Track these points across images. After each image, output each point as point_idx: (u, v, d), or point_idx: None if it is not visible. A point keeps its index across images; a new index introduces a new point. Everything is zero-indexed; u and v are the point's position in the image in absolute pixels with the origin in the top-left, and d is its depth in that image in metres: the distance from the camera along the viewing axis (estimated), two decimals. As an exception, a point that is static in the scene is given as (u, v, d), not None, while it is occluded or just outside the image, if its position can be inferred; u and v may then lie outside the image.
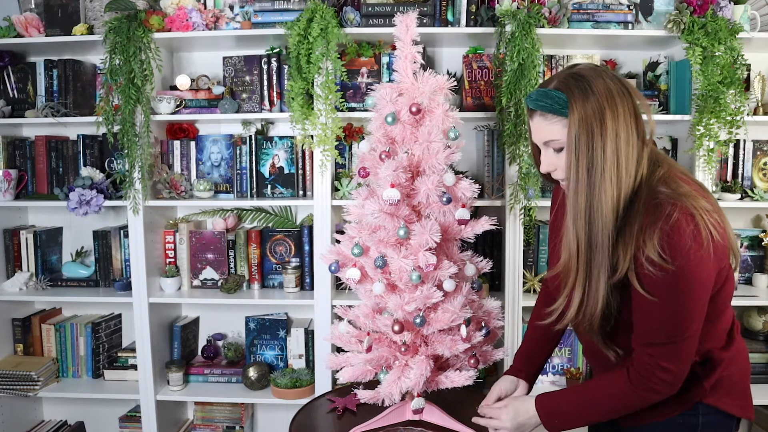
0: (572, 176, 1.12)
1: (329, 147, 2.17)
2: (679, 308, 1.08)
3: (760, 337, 2.39)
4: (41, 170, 2.46)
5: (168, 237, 2.45)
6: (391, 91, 1.47)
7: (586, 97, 1.10)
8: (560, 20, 2.16)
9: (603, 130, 1.09)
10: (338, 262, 1.53)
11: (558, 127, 1.14)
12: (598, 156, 1.09)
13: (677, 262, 1.04)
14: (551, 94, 1.13)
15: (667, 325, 1.10)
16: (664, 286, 1.06)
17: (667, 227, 1.04)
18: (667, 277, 1.05)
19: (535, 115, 1.18)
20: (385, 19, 2.18)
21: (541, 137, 1.19)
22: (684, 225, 1.04)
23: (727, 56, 2.06)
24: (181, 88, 2.33)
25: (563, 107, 1.12)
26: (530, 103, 1.17)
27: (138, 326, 2.35)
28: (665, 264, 1.04)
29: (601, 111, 1.09)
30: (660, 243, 1.04)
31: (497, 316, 1.58)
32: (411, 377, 1.42)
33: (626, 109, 1.11)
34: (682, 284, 1.06)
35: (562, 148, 1.16)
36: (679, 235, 1.04)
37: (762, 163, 2.34)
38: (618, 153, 1.09)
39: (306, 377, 2.37)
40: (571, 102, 1.11)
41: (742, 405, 1.23)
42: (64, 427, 2.63)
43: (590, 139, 1.09)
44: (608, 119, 1.09)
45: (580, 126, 1.10)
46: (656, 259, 1.04)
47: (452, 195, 1.46)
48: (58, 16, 2.29)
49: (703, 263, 1.05)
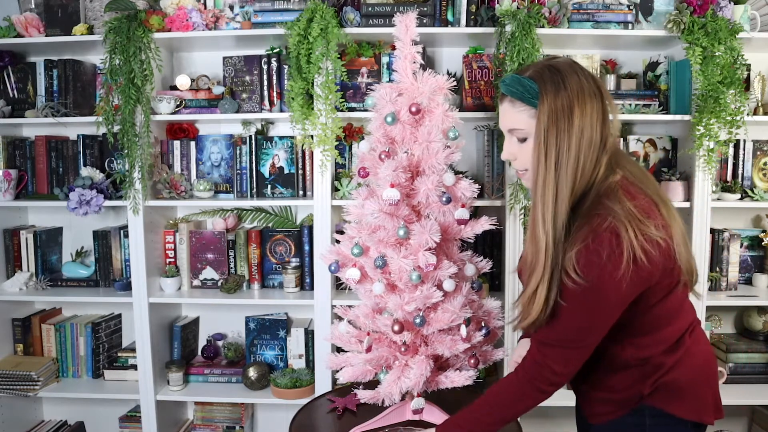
0: (540, 169, 1.12)
1: (329, 147, 2.17)
2: (582, 319, 1.11)
3: (760, 337, 2.39)
4: (41, 170, 2.46)
5: (168, 237, 2.45)
6: (390, 91, 1.47)
7: (558, 92, 1.10)
8: (560, 20, 2.16)
9: (570, 127, 1.09)
10: (338, 262, 1.53)
11: (524, 116, 1.15)
12: (563, 151, 1.10)
13: (588, 279, 1.05)
14: (524, 82, 1.13)
15: (568, 331, 1.12)
16: (572, 296, 1.08)
17: (589, 242, 1.05)
18: (576, 290, 1.07)
19: (505, 100, 1.18)
20: (385, 19, 2.18)
21: (506, 124, 1.19)
22: (606, 243, 1.04)
23: (727, 56, 2.06)
24: (181, 88, 2.33)
25: (533, 97, 1.12)
26: (503, 87, 1.18)
27: (138, 326, 2.35)
28: (577, 278, 1.06)
29: (570, 107, 1.10)
30: (577, 257, 1.06)
31: (497, 316, 1.58)
32: (411, 377, 1.42)
33: (595, 109, 1.11)
34: (590, 299, 1.07)
35: (525, 138, 1.16)
36: (597, 253, 1.04)
37: (762, 163, 2.34)
38: (579, 152, 1.10)
39: (306, 377, 2.37)
40: (542, 93, 1.11)
41: (696, 409, 1.20)
42: (64, 427, 2.63)
43: (559, 132, 1.10)
44: (576, 116, 1.09)
45: (549, 118, 1.10)
46: (570, 272, 1.06)
47: (452, 195, 1.46)
48: (58, 16, 2.29)
49: (616, 284, 1.05)
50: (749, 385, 2.33)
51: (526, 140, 1.17)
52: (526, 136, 1.16)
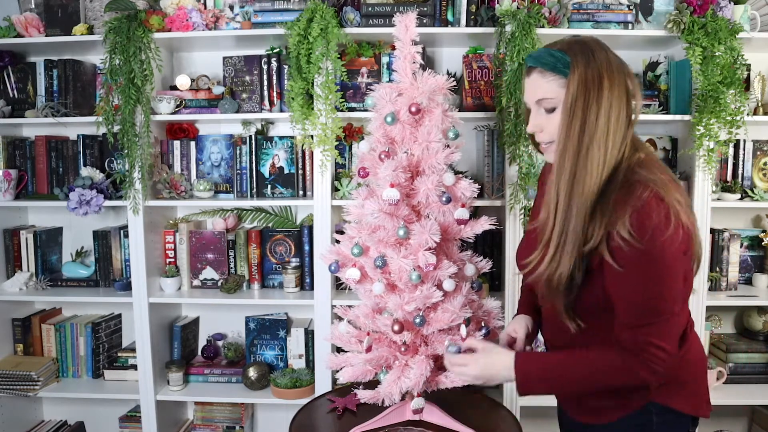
0: (563, 136, 1.13)
1: (329, 147, 2.17)
2: (654, 286, 1.09)
3: (760, 337, 2.39)
4: (41, 170, 2.46)
5: (168, 237, 2.45)
6: (390, 91, 1.47)
7: (588, 62, 1.13)
8: (560, 20, 2.16)
9: (599, 98, 1.11)
10: (338, 262, 1.53)
11: (554, 85, 1.16)
12: (591, 121, 1.11)
13: (645, 240, 1.06)
14: (555, 53, 1.16)
15: (648, 304, 1.11)
16: (634, 263, 1.08)
17: (638, 205, 1.06)
18: (636, 254, 1.07)
19: (533, 72, 1.19)
20: (385, 19, 2.18)
21: (534, 95, 1.19)
22: (654, 205, 1.06)
23: (727, 56, 2.06)
24: (181, 88, 2.33)
25: (565, 66, 1.14)
26: (530, 61, 1.19)
27: (138, 326, 2.35)
28: (634, 241, 1.06)
29: (599, 78, 1.12)
30: (630, 220, 1.06)
31: (497, 316, 1.58)
32: (411, 377, 1.42)
33: (621, 84, 1.14)
34: (651, 262, 1.07)
35: (554, 108, 1.17)
36: (648, 215, 1.06)
37: (762, 163, 2.34)
38: (609, 124, 1.11)
39: (306, 377, 2.37)
40: (573, 63, 1.13)
41: (695, 404, 1.23)
42: (64, 427, 2.64)
43: (586, 102, 1.11)
44: (605, 88, 1.11)
45: (578, 87, 1.11)
46: (626, 236, 1.06)
47: (452, 195, 1.46)
48: (58, 16, 2.29)
49: (671, 243, 1.07)
50: (749, 385, 2.33)
51: (554, 111, 1.17)
52: (554, 106, 1.17)
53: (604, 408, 1.24)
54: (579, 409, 1.32)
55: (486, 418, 1.59)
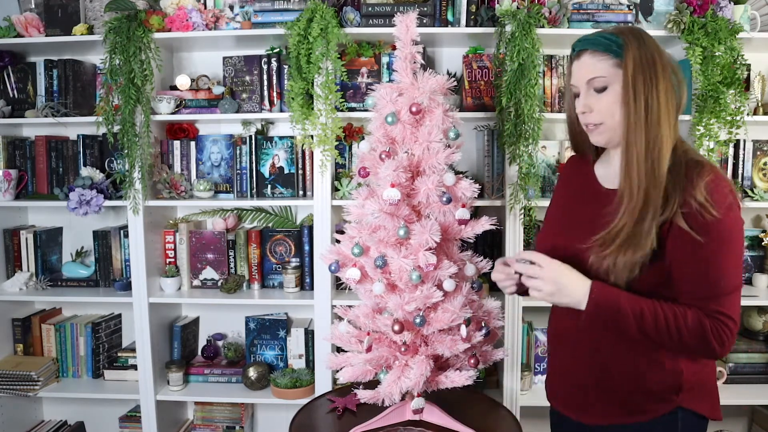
0: (627, 113, 1.15)
1: (329, 147, 2.17)
2: (726, 257, 1.12)
3: (760, 337, 2.39)
4: (41, 170, 2.46)
5: (168, 237, 2.45)
6: (391, 91, 1.47)
7: (641, 45, 1.16)
8: (560, 20, 2.16)
9: (656, 78, 1.14)
10: (338, 262, 1.53)
11: (606, 65, 1.18)
12: (653, 101, 1.14)
13: (721, 211, 1.09)
14: (607, 35, 1.18)
15: (719, 275, 1.12)
16: (708, 231, 1.10)
17: (711, 178, 1.11)
18: (712, 222, 1.10)
19: (584, 54, 1.21)
20: (385, 19, 2.18)
21: (585, 75, 1.20)
22: (725, 183, 1.13)
23: (727, 56, 2.06)
24: (181, 88, 2.33)
25: (618, 47, 1.16)
26: (580, 45, 1.21)
27: (138, 326, 2.35)
28: (711, 209, 1.09)
29: (653, 62, 1.15)
30: (707, 189, 1.10)
31: (497, 316, 1.58)
32: (411, 377, 1.42)
33: (670, 72, 1.17)
34: (723, 232, 1.11)
35: (605, 88, 1.18)
36: (722, 189, 1.11)
37: (762, 163, 2.34)
38: (669, 103, 1.15)
39: (306, 377, 2.37)
40: (627, 44, 1.16)
41: (713, 406, 1.25)
42: (64, 427, 2.63)
43: (645, 81, 1.14)
44: (659, 71, 1.15)
45: (635, 67, 1.14)
46: (704, 202, 1.09)
47: (452, 195, 1.46)
48: (58, 16, 2.29)
49: (739, 218, 1.13)
50: (749, 385, 2.33)
51: (604, 90, 1.19)
52: (606, 85, 1.18)
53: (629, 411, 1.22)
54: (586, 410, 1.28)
55: (486, 418, 1.59)
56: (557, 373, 1.38)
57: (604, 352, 1.24)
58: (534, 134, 2.10)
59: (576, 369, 1.30)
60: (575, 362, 1.30)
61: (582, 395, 1.30)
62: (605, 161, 1.32)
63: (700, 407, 1.22)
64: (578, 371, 1.29)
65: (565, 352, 1.33)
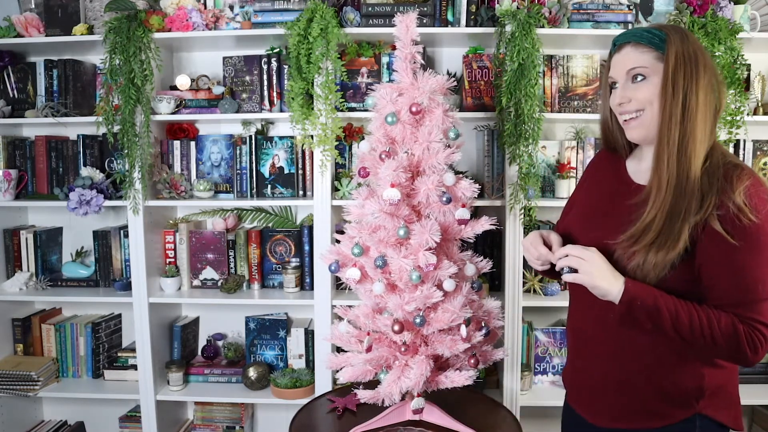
0: (665, 104, 1.13)
1: (329, 147, 2.17)
2: (760, 263, 1.08)
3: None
4: (41, 170, 2.46)
5: (168, 237, 2.45)
6: (391, 91, 1.47)
7: (683, 40, 1.15)
8: (560, 20, 2.16)
9: (697, 74, 1.12)
10: (338, 262, 1.53)
11: (648, 57, 1.16)
12: (692, 95, 1.12)
13: (760, 216, 1.07)
14: (650, 29, 1.17)
15: (755, 280, 1.08)
16: (745, 235, 1.07)
17: (751, 181, 1.09)
18: (750, 226, 1.06)
19: (625, 46, 1.19)
20: (385, 19, 2.18)
21: (625, 66, 1.19)
22: (765, 188, 1.10)
23: (727, 56, 2.06)
24: (181, 88, 2.33)
25: (661, 41, 1.15)
26: (622, 38, 1.20)
27: (138, 326, 2.35)
28: (749, 212, 1.06)
29: (695, 57, 1.13)
30: (747, 193, 1.07)
31: (497, 316, 1.58)
32: (411, 377, 1.42)
33: (712, 71, 1.15)
34: (762, 237, 1.07)
35: (645, 77, 1.17)
36: (762, 194, 1.08)
37: (762, 163, 2.34)
38: (708, 102, 1.13)
39: (306, 377, 2.37)
40: (670, 38, 1.14)
41: (735, 416, 1.21)
42: (64, 427, 2.63)
43: (686, 77, 1.12)
44: (701, 67, 1.13)
45: (677, 60, 1.13)
46: (742, 205, 1.06)
47: (452, 195, 1.46)
48: (58, 16, 2.29)
49: None
50: (749, 385, 2.33)
51: (644, 80, 1.17)
52: (645, 74, 1.17)
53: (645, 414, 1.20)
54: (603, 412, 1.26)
55: (486, 418, 1.59)
56: (577, 370, 1.35)
57: (626, 353, 1.21)
58: (534, 134, 2.10)
59: (595, 368, 1.27)
60: (595, 362, 1.27)
61: (599, 396, 1.27)
62: (637, 157, 1.29)
63: (721, 416, 1.18)
64: (598, 371, 1.27)
65: (586, 350, 1.30)
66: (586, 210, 1.35)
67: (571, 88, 2.28)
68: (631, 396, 1.22)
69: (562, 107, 2.28)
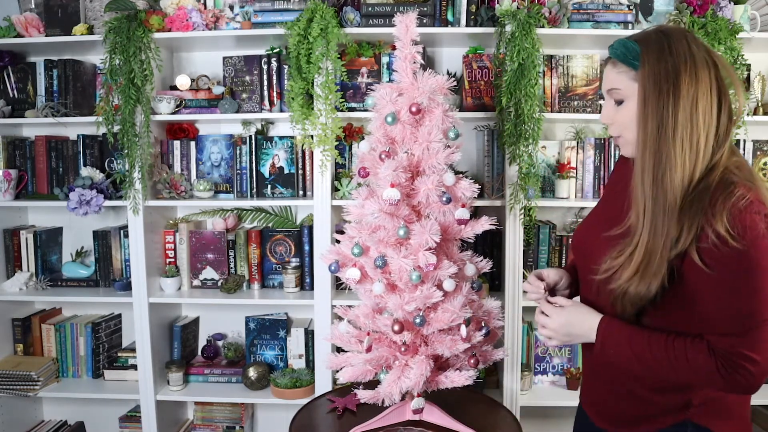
0: (641, 132, 1.08)
1: (329, 147, 2.17)
2: (748, 291, 1.01)
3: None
4: (41, 170, 2.46)
5: (168, 237, 2.45)
6: (391, 91, 1.47)
7: (662, 55, 1.07)
8: (560, 20, 2.16)
9: (676, 93, 1.05)
10: (338, 262, 1.53)
11: (623, 77, 1.12)
12: (668, 115, 1.05)
13: (745, 241, 0.99)
14: (627, 44, 1.11)
15: (741, 311, 1.02)
16: (727, 264, 1.01)
17: (740, 204, 1.00)
18: (732, 254, 1.00)
19: (609, 61, 1.16)
20: (385, 19, 2.18)
21: (606, 84, 1.16)
22: (757, 207, 1.01)
23: (727, 56, 2.06)
24: (181, 88, 2.33)
25: (634, 59, 1.09)
26: (609, 50, 1.15)
27: (138, 326, 2.35)
28: (732, 241, 0.99)
29: (675, 73, 1.05)
30: (730, 218, 0.99)
31: (497, 316, 1.58)
32: (411, 377, 1.42)
33: (709, 80, 1.06)
34: (747, 264, 1.00)
35: (623, 100, 1.13)
36: (751, 216, 1.00)
37: (762, 163, 2.34)
38: (693, 120, 1.04)
39: (306, 377, 2.37)
40: (644, 55, 1.08)
41: (733, 426, 1.16)
42: (64, 427, 2.63)
43: (661, 97, 1.05)
44: (683, 83, 1.05)
45: (649, 81, 1.07)
46: (723, 233, 0.99)
47: (452, 195, 1.46)
48: (58, 16, 2.29)
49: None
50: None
51: (622, 103, 1.13)
52: (623, 98, 1.13)
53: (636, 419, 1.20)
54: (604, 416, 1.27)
55: (486, 418, 1.59)
56: (586, 373, 1.37)
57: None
58: (534, 134, 2.10)
59: (596, 372, 1.30)
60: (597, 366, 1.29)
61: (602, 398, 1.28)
62: None
63: (717, 426, 1.13)
64: (599, 374, 1.28)
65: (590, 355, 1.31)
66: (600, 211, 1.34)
67: (571, 88, 2.28)
68: (624, 401, 1.22)
69: (562, 107, 2.28)
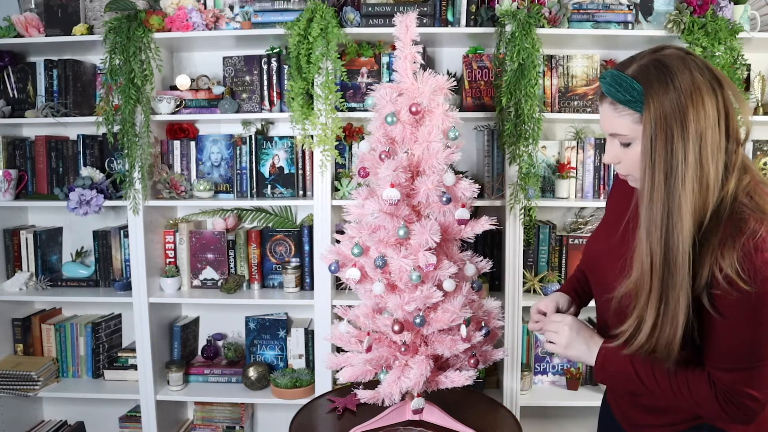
0: (647, 182, 0.99)
1: (329, 147, 2.17)
2: (758, 332, 0.97)
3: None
4: (41, 170, 2.46)
5: (168, 237, 2.45)
6: (391, 91, 1.47)
7: (666, 93, 0.97)
8: (560, 20, 2.16)
9: (685, 132, 0.96)
10: (338, 262, 1.53)
11: (627, 121, 1.02)
12: (678, 161, 0.96)
13: (756, 283, 0.93)
14: (626, 83, 1.01)
15: (746, 351, 0.99)
16: (739, 309, 0.96)
17: (750, 244, 0.93)
18: (743, 299, 0.94)
19: (606, 101, 1.05)
20: (385, 19, 2.18)
21: (607, 128, 1.07)
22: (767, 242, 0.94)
23: (727, 56, 2.06)
24: (181, 88, 2.33)
25: (637, 101, 1.00)
26: (603, 87, 1.05)
27: (138, 326, 2.35)
28: (742, 284, 0.93)
29: (682, 110, 0.96)
30: (740, 260, 0.93)
31: (497, 316, 1.58)
32: (411, 377, 1.42)
33: (716, 107, 0.97)
34: (755, 303, 0.95)
35: (630, 143, 1.04)
36: (763, 255, 0.93)
37: (762, 163, 2.34)
38: (702, 159, 0.96)
39: (306, 377, 2.37)
40: (648, 96, 0.98)
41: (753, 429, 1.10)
42: (64, 427, 2.63)
43: (669, 141, 0.96)
44: (691, 120, 0.96)
45: (657, 125, 0.97)
46: (734, 277, 0.93)
47: (452, 195, 1.46)
48: (58, 16, 2.29)
49: None
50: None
51: (630, 145, 1.04)
52: (629, 142, 1.04)
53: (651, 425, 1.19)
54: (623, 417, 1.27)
55: (486, 418, 1.59)
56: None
57: None
58: (534, 134, 2.10)
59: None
60: None
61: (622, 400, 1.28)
62: None
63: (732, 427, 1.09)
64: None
65: None
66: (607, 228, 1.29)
67: (571, 88, 2.28)
68: (631, 404, 1.23)
69: (562, 107, 2.28)
